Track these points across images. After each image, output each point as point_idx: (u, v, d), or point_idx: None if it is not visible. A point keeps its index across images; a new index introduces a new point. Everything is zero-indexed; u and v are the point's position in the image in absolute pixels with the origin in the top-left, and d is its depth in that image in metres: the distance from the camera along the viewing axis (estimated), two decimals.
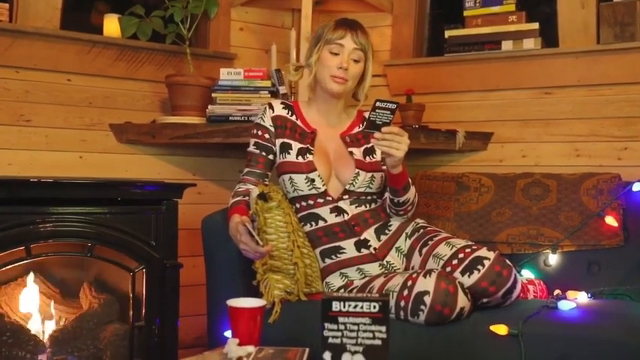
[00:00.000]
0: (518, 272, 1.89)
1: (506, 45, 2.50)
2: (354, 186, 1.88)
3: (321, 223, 1.86)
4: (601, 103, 2.37)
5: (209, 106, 2.33)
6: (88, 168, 2.36)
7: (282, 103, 1.98)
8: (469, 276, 1.66)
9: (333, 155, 1.93)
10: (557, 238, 2.07)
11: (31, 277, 1.96)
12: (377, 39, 2.72)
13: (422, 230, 1.90)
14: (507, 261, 1.72)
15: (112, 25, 2.45)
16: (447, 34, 2.60)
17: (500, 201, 2.18)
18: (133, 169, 2.44)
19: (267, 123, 1.93)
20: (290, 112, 1.95)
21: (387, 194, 1.90)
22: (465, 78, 2.58)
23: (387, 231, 1.89)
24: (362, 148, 1.93)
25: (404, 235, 1.90)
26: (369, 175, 1.89)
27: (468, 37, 2.56)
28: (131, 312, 1.93)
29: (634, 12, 2.31)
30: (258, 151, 1.93)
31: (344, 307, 1.40)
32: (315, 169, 1.87)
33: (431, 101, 2.55)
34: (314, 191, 1.86)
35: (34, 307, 1.95)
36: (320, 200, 1.86)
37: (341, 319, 1.39)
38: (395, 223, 1.92)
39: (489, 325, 1.57)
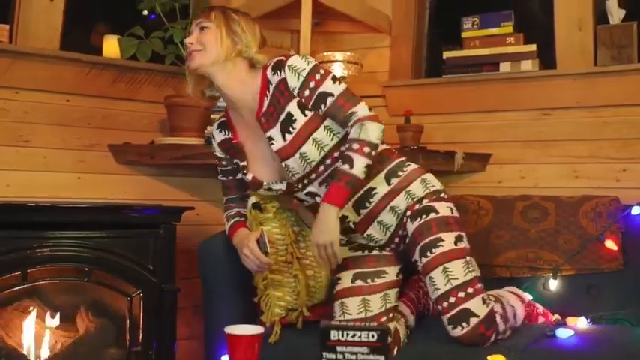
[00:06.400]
0: None
1: (505, 66, 2.51)
2: (297, 174, 1.72)
3: (305, 203, 1.81)
4: (599, 125, 2.38)
5: (208, 127, 2.33)
6: (86, 189, 2.35)
7: (218, 126, 1.85)
8: (453, 328, 1.64)
9: (270, 152, 1.74)
10: (555, 261, 2.06)
11: (27, 301, 1.94)
12: (375, 60, 2.74)
13: (424, 218, 1.72)
14: (497, 317, 1.67)
15: (111, 46, 2.46)
16: (445, 55, 2.61)
17: (498, 224, 2.18)
18: (132, 190, 2.44)
19: (218, 152, 1.85)
20: (225, 131, 1.82)
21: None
22: (464, 99, 2.58)
23: (367, 204, 1.75)
24: (279, 124, 1.69)
25: (389, 209, 1.75)
26: (297, 155, 1.68)
27: (466, 58, 2.57)
28: (128, 337, 1.92)
29: (631, 34, 2.32)
30: (225, 178, 1.89)
31: (342, 335, 1.40)
32: (261, 182, 1.76)
33: (429, 122, 2.55)
34: (281, 191, 1.77)
35: (30, 332, 1.93)
36: (294, 189, 1.77)
37: (339, 348, 1.39)
38: (378, 193, 1.75)
39: (487, 355, 1.56)
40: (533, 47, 2.48)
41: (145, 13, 2.49)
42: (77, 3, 2.46)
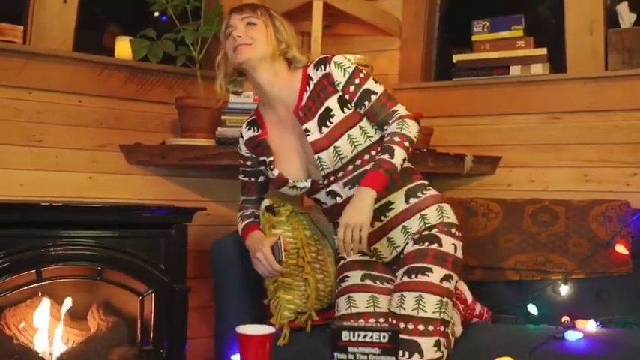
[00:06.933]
0: None
1: (515, 70, 2.52)
2: (328, 169, 1.74)
3: (324, 205, 1.83)
4: (609, 129, 2.37)
5: (218, 129, 2.34)
6: (97, 189, 2.37)
7: (247, 124, 1.88)
8: (402, 355, 1.59)
9: (300, 146, 1.78)
10: (565, 265, 2.06)
11: (40, 299, 1.96)
12: (385, 63, 2.75)
13: (426, 244, 1.73)
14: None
15: (123, 48, 2.48)
16: (456, 58, 2.62)
17: (508, 227, 2.18)
18: (143, 191, 2.45)
19: (244, 151, 1.88)
20: (255, 129, 1.85)
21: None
22: (474, 102, 2.59)
23: (382, 217, 1.75)
24: (316, 118, 1.73)
25: (401, 228, 1.77)
26: (331, 149, 1.71)
27: (477, 61, 2.58)
28: (139, 335, 1.94)
29: None
30: (247, 179, 1.91)
31: (354, 336, 1.41)
32: (287, 180, 1.77)
33: (439, 125, 2.55)
34: (305, 189, 1.79)
35: (42, 329, 1.95)
36: (318, 187, 1.79)
37: (350, 349, 1.41)
38: (395, 209, 1.76)
39: (495, 357, 1.57)
40: (543, 51, 2.49)
41: (157, 14, 2.51)
42: (90, 4, 2.49)
